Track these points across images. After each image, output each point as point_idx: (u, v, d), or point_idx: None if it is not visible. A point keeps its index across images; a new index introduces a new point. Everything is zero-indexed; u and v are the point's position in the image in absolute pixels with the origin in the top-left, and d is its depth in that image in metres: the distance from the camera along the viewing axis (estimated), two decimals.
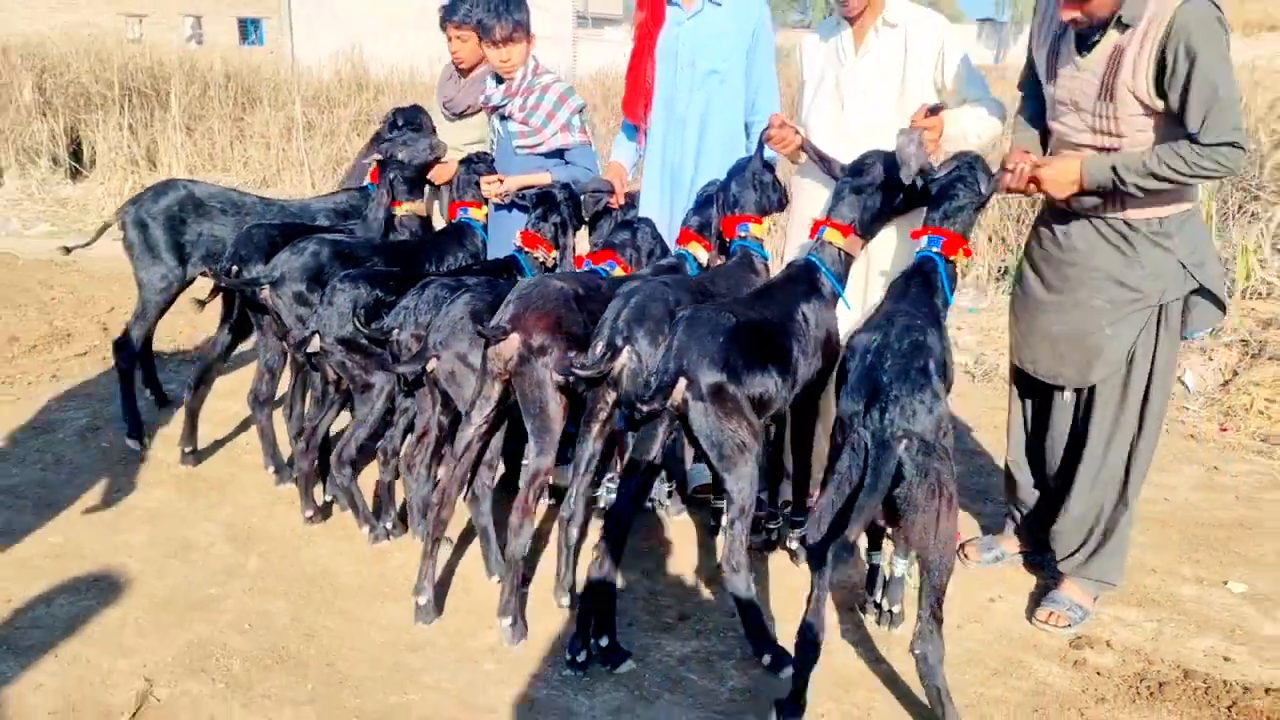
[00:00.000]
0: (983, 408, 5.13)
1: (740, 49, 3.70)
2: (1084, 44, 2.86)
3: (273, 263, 3.63)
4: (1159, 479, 4.25)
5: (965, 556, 3.47)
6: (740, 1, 3.72)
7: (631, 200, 3.96)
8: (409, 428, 3.53)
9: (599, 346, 2.86)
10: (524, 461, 3.07)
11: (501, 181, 3.87)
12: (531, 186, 3.84)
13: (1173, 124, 2.74)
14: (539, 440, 2.97)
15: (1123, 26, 2.75)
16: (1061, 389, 3.13)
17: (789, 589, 3.27)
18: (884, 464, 2.33)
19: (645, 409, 2.59)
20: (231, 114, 12.98)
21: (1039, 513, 3.36)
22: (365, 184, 4.31)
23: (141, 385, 4.64)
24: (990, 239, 7.39)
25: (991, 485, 4.16)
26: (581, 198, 3.65)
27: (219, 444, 4.47)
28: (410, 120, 4.28)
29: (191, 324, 6.00)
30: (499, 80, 3.99)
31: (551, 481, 3.09)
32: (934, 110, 2.95)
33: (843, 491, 2.43)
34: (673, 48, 3.74)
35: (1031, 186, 2.91)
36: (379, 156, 4.03)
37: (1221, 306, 2.98)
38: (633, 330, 2.84)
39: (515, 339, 2.91)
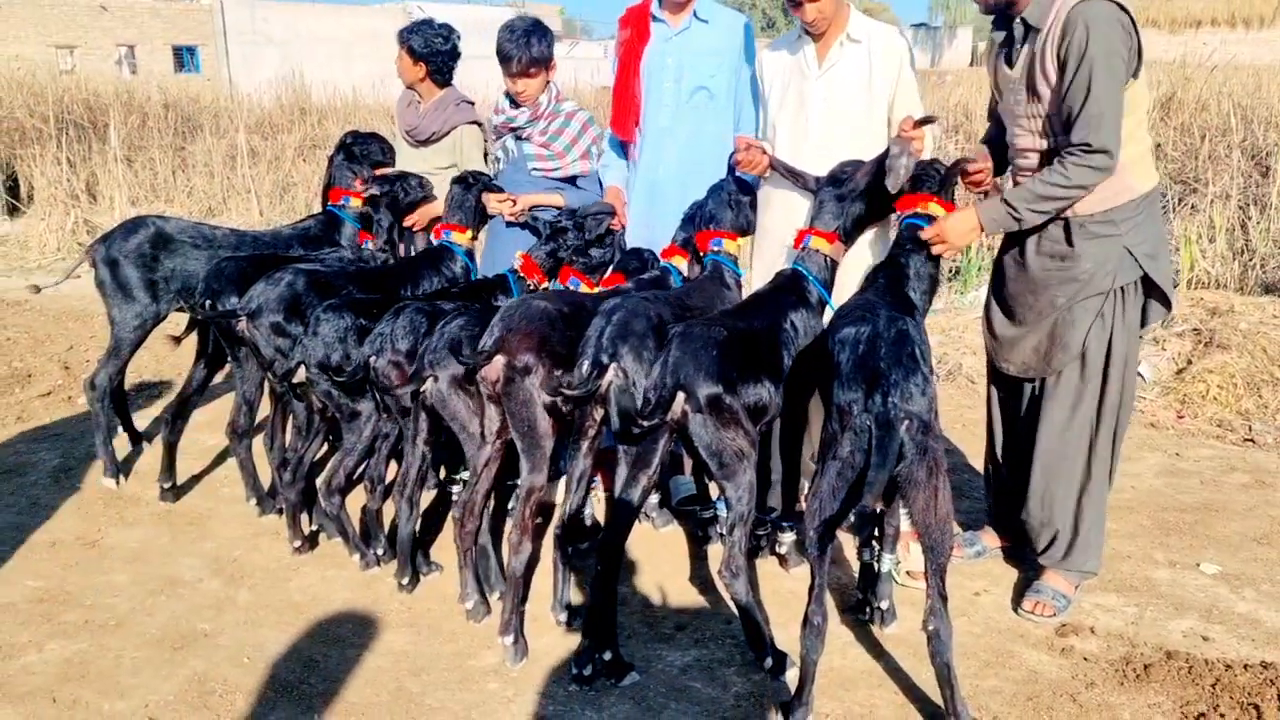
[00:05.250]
0: (949, 406, 5.23)
1: (729, 66, 3.75)
2: (1010, 59, 3.04)
3: (248, 294, 3.61)
4: (1124, 467, 4.37)
5: None
6: (728, 19, 3.79)
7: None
8: (392, 454, 3.54)
9: (584, 365, 2.88)
10: (517, 481, 3.08)
11: (514, 201, 3.88)
12: (544, 205, 3.88)
13: None
14: (530, 458, 3.00)
15: (1033, 31, 2.90)
16: (1031, 381, 3.23)
17: (781, 594, 3.34)
18: (889, 443, 2.41)
19: (645, 424, 2.64)
20: (172, 144, 12.79)
21: (1016, 507, 3.46)
22: (329, 207, 4.30)
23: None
24: None
25: (965, 482, 4.26)
26: (586, 221, 3.66)
27: (197, 478, 4.42)
28: (365, 145, 4.32)
29: (157, 359, 5.92)
30: (514, 103, 4.00)
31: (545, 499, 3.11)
32: (921, 122, 3.05)
33: (845, 476, 2.51)
34: (659, 64, 3.78)
35: (939, 246, 3.03)
36: (375, 191, 4.03)
37: (1167, 303, 3.10)
38: (617, 347, 2.87)
39: (500, 360, 2.94)
